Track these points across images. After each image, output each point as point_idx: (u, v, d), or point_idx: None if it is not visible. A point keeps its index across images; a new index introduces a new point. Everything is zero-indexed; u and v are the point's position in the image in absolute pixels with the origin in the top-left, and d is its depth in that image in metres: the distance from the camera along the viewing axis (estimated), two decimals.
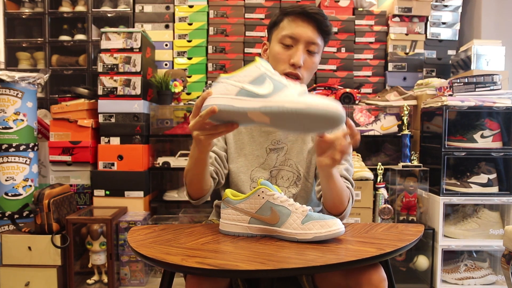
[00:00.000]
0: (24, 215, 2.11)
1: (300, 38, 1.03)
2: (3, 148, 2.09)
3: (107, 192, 2.25)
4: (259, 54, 2.43)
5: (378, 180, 2.13)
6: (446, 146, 2.02)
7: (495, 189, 2.03)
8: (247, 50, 2.60)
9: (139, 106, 2.26)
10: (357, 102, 2.37)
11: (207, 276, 0.84)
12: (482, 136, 2.04)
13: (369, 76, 2.62)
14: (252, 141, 1.13)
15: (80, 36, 2.68)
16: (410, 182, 2.16)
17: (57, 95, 2.57)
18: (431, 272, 2.07)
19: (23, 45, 2.70)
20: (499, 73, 2.06)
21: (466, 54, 2.33)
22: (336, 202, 0.98)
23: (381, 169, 2.13)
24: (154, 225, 1.03)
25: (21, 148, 2.13)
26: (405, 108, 2.18)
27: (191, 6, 2.62)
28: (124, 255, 2.14)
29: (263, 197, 0.89)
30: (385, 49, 2.63)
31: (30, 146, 2.17)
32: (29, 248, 1.95)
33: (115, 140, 2.27)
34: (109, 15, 2.66)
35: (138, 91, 2.25)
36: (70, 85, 2.47)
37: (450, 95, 2.03)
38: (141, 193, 2.25)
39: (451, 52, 2.61)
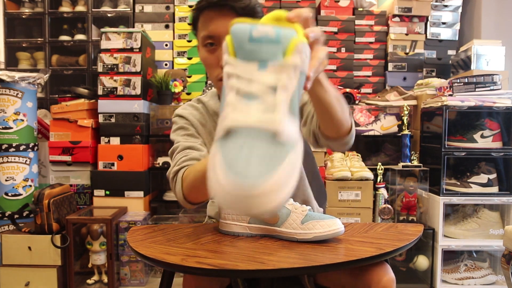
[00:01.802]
0: (24, 215, 2.11)
1: (219, 34, 0.88)
2: (3, 148, 2.09)
3: (107, 192, 2.26)
4: None
5: (378, 180, 2.14)
6: (446, 146, 2.02)
7: (495, 189, 2.03)
8: None
9: (139, 106, 2.26)
10: (357, 102, 2.38)
11: (207, 276, 0.83)
12: (482, 136, 2.04)
13: (369, 76, 2.63)
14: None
15: (80, 36, 2.68)
16: (410, 182, 2.16)
17: (57, 95, 2.57)
18: (431, 272, 2.08)
19: (23, 45, 2.70)
20: (499, 73, 2.06)
21: (466, 54, 2.33)
22: (339, 115, 0.78)
23: (381, 169, 2.13)
24: (154, 225, 1.03)
25: (21, 148, 2.13)
26: (405, 108, 2.18)
27: (191, 6, 2.63)
28: (124, 255, 2.14)
29: None
30: (385, 49, 2.63)
31: (30, 146, 2.17)
32: (29, 248, 1.95)
33: (115, 140, 2.28)
34: (109, 15, 2.66)
35: (138, 91, 2.26)
36: (70, 85, 2.47)
37: (450, 95, 2.03)
38: (141, 193, 2.26)
39: (451, 52, 2.61)
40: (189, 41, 2.62)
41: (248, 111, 0.44)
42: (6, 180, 2.11)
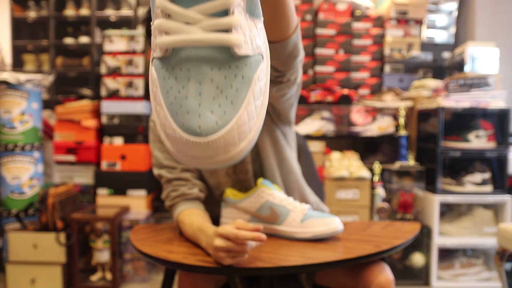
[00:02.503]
0: (29, 213, 2.15)
1: None
2: (9, 148, 2.13)
3: (110, 191, 2.30)
4: None
5: (376, 180, 2.17)
6: (441, 146, 2.07)
7: (489, 188, 2.07)
8: None
9: (141, 107, 2.30)
10: (355, 103, 2.42)
11: (208, 274, 0.85)
12: (476, 137, 2.08)
13: (366, 78, 2.67)
14: None
15: (84, 39, 2.73)
16: (407, 181, 2.20)
17: (61, 96, 2.62)
18: (427, 269, 2.12)
19: (29, 47, 2.74)
20: (493, 75, 2.10)
21: (461, 56, 2.37)
22: (288, 4, 0.67)
23: (379, 169, 2.17)
24: (156, 224, 1.04)
25: (27, 148, 2.17)
26: (401, 109, 2.23)
27: None
28: (127, 252, 2.18)
29: (262, 197, 0.90)
30: (382, 51, 2.68)
31: (35, 146, 2.21)
32: (35, 246, 1.99)
33: (118, 140, 2.32)
34: (112, 17, 2.71)
35: (140, 92, 2.30)
36: (74, 86, 2.52)
37: (445, 96, 2.07)
38: (143, 192, 2.30)
39: (446, 54, 2.66)
40: None
41: (188, 24, 0.33)
42: (12, 179, 2.15)
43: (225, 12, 0.33)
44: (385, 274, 0.82)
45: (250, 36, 0.34)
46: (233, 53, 0.33)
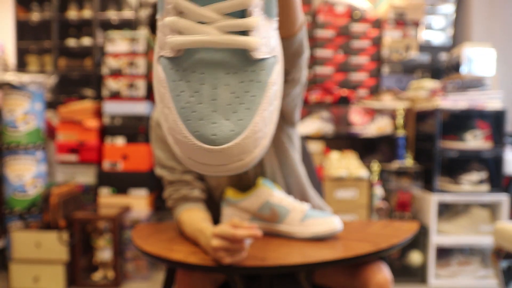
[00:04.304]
0: (32, 212, 2.17)
1: None
2: (12, 148, 2.16)
3: (113, 190, 2.32)
4: None
5: (374, 179, 2.19)
6: (439, 146, 2.09)
7: (486, 188, 2.09)
8: None
9: (143, 108, 2.33)
10: (353, 103, 2.45)
11: (209, 273, 0.86)
12: (473, 136, 2.10)
13: (365, 79, 2.69)
14: None
15: (86, 40, 2.76)
16: (405, 181, 2.22)
17: (64, 97, 2.64)
18: (424, 267, 2.14)
19: (32, 48, 2.77)
20: (489, 75, 2.13)
21: (458, 58, 2.40)
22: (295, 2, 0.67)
23: (377, 168, 2.20)
24: (158, 223, 1.04)
25: (30, 148, 2.19)
26: (400, 110, 2.25)
27: None
28: (129, 251, 2.20)
29: (263, 196, 0.90)
30: (380, 52, 2.70)
31: (38, 146, 2.24)
32: (38, 244, 2.01)
33: (120, 140, 2.34)
34: (114, 19, 2.73)
35: (142, 93, 2.33)
36: (77, 87, 2.54)
37: (443, 97, 2.10)
38: (145, 192, 2.32)
39: (444, 55, 2.68)
40: None
41: (204, 24, 0.31)
42: (15, 179, 2.17)
43: (242, 12, 0.31)
44: (383, 273, 0.82)
45: (267, 38, 0.33)
46: (250, 57, 0.31)
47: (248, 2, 0.30)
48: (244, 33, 0.31)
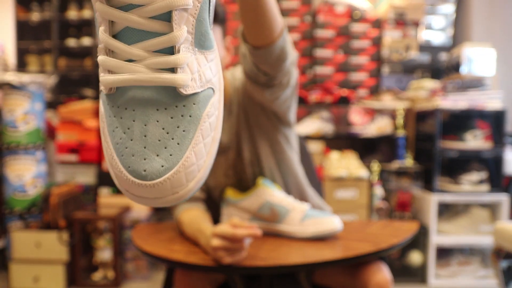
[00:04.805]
0: (32, 212, 2.18)
1: None
2: (12, 148, 2.16)
3: (112, 191, 2.32)
4: None
5: (374, 179, 2.20)
6: (439, 146, 2.09)
7: (486, 188, 2.09)
8: None
9: None
10: (353, 103, 2.45)
11: (209, 272, 0.86)
12: (474, 136, 2.10)
13: (365, 79, 2.70)
14: None
15: (86, 40, 2.76)
16: (405, 181, 2.22)
17: (64, 97, 2.65)
18: (424, 267, 2.14)
19: (32, 48, 2.77)
20: (489, 75, 2.13)
21: (458, 58, 2.40)
22: (271, 7, 0.67)
23: (377, 168, 2.20)
24: (158, 223, 1.05)
25: (30, 148, 2.20)
26: (400, 110, 2.25)
27: None
28: (129, 251, 2.20)
29: (262, 196, 0.90)
30: (380, 52, 2.70)
31: (38, 146, 2.24)
32: (38, 244, 2.01)
33: None
34: None
35: None
36: (77, 87, 2.55)
37: (443, 97, 2.10)
38: None
39: (444, 55, 2.68)
40: None
41: (132, 62, 0.31)
42: (15, 179, 2.17)
43: (171, 49, 0.31)
44: (383, 273, 0.82)
45: (199, 72, 0.33)
46: (180, 93, 0.32)
47: (174, 39, 0.31)
48: (173, 70, 0.31)
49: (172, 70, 0.31)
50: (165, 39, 0.31)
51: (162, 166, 0.30)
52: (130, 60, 0.31)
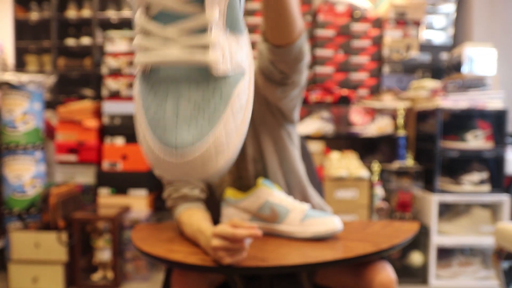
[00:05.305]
0: (31, 213, 2.17)
1: None
2: (11, 148, 2.15)
3: (112, 191, 2.32)
4: None
5: (375, 179, 2.19)
6: (440, 146, 2.09)
7: (487, 188, 2.09)
8: None
9: None
10: (354, 103, 2.44)
11: (209, 273, 0.86)
12: (474, 136, 2.10)
13: (365, 79, 2.69)
14: None
15: (85, 40, 2.75)
16: (405, 181, 2.22)
17: (63, 97, 2.64)
18: (425, 268, 2.14)
19: (31, 48, 2.77)
20: (490, 75, 2.12)
21: (459, 57, 2.40)
22: (293, 8, 0.69)
23: (378, 168, 2.19)
24: (157, 223, 1.04)
25: (29, 148, 2.19)
26: (400, 110, 2.25)
27: None
28: (128, 252, 2.20)
29: (262, 196, 0.90)
30: (381, 52, 2.70)
31: (37, 146, 2.23)
32: (37, 245, 2.01)
33: (119, 140, 2.34)
34: (113, 18, 2.73)
35: None
36: (76, 87, 2.54)
37: (443, 97, 2.09)
38: (144, 192, 2.31)
39: (444, 55, 2.68)
40: None
41: (167, 42, 0.33)
42: (14, 179, 2.17)
43: (204, 30, 0.33)
44: (387, 273, 0.82)
45: (231, 54, 0.34)
46: (211, 73, 0.33)
47: (207, 20, 0.32)
48: (206, 50, 0.33)
49: (205, 50, 0.33)
50: (198, 21, 0.32)
51: (193, 141, 0.32)
52: (165, 42, 0.33)
